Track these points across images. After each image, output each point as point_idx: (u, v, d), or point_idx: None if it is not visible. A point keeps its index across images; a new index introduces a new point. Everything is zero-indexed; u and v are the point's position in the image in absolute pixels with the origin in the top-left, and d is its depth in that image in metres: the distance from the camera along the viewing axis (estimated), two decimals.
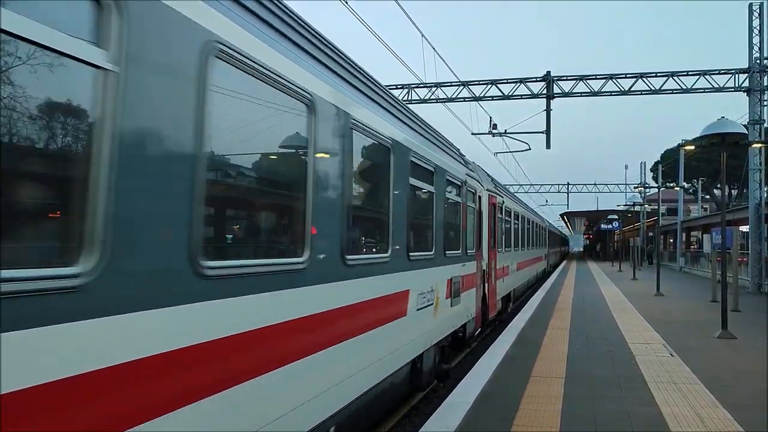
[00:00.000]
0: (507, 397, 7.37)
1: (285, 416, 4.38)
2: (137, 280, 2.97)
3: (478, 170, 14.41)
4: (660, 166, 56.79)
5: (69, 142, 2.88)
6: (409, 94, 28.85)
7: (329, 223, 5.23)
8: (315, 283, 4.92)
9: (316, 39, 5.35)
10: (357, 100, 5.98)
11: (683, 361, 9.74)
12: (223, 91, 3.67)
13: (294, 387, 4.54)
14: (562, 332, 12.64)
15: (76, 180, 2.73)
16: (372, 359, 6.20)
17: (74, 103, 2.83)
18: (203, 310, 3.45)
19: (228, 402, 3.66)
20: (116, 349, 2.82)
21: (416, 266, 7.90)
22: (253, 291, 3.99)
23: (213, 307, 3.54)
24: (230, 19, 3.75)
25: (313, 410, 4.84)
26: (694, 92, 26.16)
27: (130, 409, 2.90)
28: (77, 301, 2.60)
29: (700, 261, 39.52)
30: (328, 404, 5.14)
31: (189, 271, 3.33)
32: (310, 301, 4.85)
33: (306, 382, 4.72)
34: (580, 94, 27.63)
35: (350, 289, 5.67)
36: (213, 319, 3.55)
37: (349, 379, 5.54)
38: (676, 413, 6.73)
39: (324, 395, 5.02)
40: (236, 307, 3.78)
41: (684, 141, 39.50)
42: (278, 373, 4.28)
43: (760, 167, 24.89)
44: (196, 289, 3.38)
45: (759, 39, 24.07)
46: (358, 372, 5.76)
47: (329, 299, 5.21)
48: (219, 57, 3.59)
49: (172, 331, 3.21)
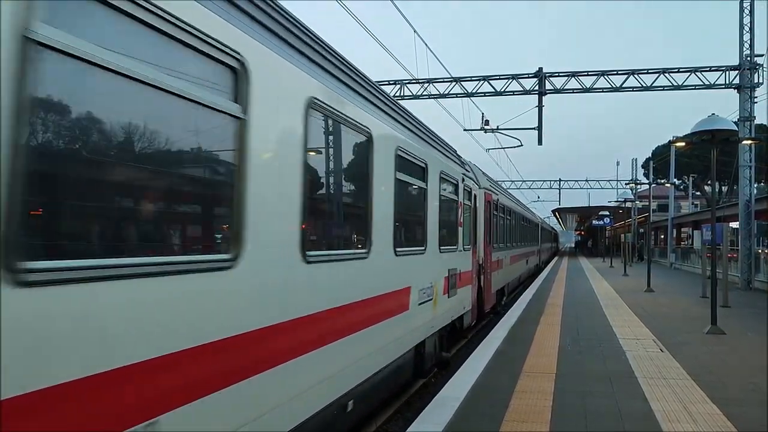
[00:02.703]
0: (498, 392, 7.39)
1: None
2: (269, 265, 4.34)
3: (475, 169, 15.10)
4: (651, 163, 56.97)
5: (219, 170, 4.16)
6: (401, 90, 28.81)
7: (384, 225, 7.00)
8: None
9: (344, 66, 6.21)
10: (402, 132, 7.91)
11: (673, 356, 9.80)
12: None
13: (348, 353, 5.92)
14: (553, 328, 12.70)
15: (225, 196, 4.03)
16: (385, 342, 7.21)
17: (219, 144, 3.98)
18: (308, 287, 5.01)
19: (324, 354, 5.24)
20: (263, 315, 4.30)
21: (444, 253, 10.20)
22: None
23: (316, 285, 5.14)
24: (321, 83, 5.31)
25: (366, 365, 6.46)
26: (685, 89, 26.26)
27: (273, 354, 4.40)
28: (231, 280, 3.82)
29: (691, 257, 39.76)
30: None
31: (300, 258, 4.77)
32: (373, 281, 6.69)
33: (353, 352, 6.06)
34: (571, 91, 27.70)
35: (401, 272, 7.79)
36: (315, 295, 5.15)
37: (373, 354, 6.71)
38: (666, 408, 6.77)
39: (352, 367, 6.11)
40: (330, 283, 5.49)
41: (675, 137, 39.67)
42: (343, 342, 5.70)
43: (750, 164, 25.02)
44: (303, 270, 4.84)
45: (750, 36, 24.17)
46: (376, 351, 6.85)
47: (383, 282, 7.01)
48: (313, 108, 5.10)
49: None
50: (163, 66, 3.31)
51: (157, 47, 3.32)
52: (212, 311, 3.69)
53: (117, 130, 3.22)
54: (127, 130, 3.26)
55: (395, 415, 8.65)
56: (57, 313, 2.63)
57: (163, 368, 3.23)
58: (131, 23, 3.07)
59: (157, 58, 3.29)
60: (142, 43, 3.20)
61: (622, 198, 42.75)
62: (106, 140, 3.19)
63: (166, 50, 3.38)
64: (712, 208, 14.27)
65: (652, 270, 25.25)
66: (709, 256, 15.92)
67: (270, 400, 4.38)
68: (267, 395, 4.33)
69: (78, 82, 2.90)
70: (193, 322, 3.51)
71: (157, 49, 3.31)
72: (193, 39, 3.52)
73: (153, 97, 3.27)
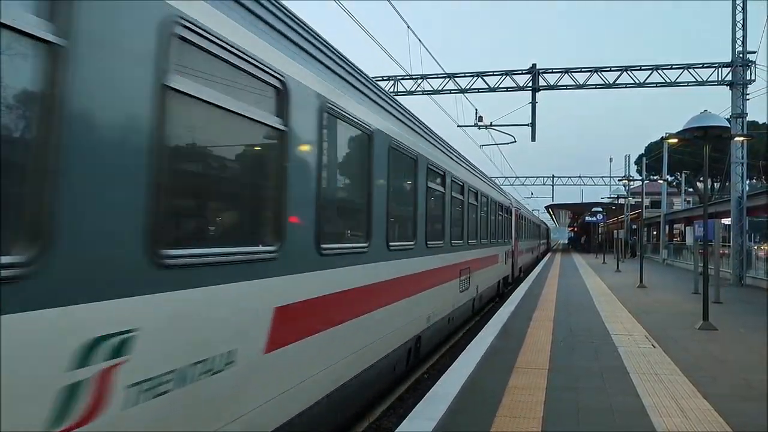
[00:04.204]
0: (491, 387, 7.40)
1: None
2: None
3: (509, 196, 26.12)
4: (644, 159, 57.12)
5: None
6: (395, 86, 28.77)
7: (492, 232, 14.61)
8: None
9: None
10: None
11: (665, 352, 9.84)
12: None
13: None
14: (546, 323, 12.72)
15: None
16: (495, 274, 18.38)
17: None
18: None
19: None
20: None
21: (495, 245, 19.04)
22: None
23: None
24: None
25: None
26: (678, 86, 26.33)
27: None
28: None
29: (683, 253, 39.92)
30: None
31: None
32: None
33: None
34: (565, 87, 27.70)
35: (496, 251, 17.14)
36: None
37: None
38: (657, 404, 6.80)
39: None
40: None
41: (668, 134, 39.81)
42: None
43: (743, 161, 25.14)
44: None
45: (742, 33, 24.24)
46: (495, 275, 17.79)
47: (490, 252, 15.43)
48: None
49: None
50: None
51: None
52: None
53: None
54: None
55: (388, 410, 8.66)
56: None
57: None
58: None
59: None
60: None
61: (615, 194, 42.86)
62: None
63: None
64: (704, 205, 14.33)
65: (645, 266, 25.34)
66: (702, 253, 15.99)
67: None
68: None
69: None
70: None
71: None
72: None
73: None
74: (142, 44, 3.11)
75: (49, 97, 2.58)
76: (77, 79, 2.69)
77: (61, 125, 2.62)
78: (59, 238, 2.61)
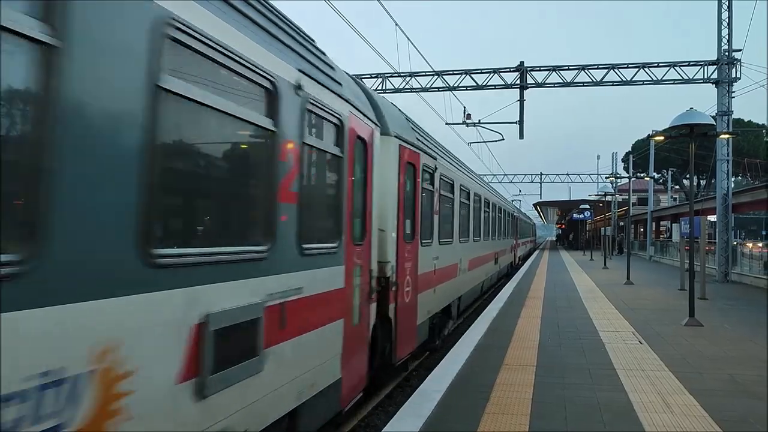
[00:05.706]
0: (479, 385, 7.43)
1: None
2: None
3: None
4: (631, 157, 57.56)
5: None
6: (383, 84, 28.74)
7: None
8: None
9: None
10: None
11: (651, 348, 9.93)
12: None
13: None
14: (534, 321, 12.79)
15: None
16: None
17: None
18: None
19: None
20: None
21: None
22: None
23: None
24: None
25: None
26: (664, 83, 26.50)
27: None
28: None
29: (669, 250, 40.28)
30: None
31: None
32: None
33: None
34: (553, 85, 27.79)
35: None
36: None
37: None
38: (644, 400, 6.85)
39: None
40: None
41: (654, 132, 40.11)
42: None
43: (728, 158, 25.37)
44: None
45: (728, 32, 24.44)
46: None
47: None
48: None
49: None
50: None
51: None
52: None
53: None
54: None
55: (377, 408, 8.67)
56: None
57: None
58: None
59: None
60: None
61: (602, 192, 43.12)
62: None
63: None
64: (690, 202, 14.45)
65: (632, 263, 25.53)
66: (688, 249, 16.13)
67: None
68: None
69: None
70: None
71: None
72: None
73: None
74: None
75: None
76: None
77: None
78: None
